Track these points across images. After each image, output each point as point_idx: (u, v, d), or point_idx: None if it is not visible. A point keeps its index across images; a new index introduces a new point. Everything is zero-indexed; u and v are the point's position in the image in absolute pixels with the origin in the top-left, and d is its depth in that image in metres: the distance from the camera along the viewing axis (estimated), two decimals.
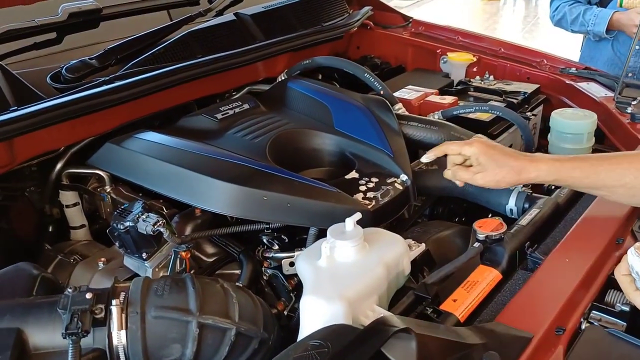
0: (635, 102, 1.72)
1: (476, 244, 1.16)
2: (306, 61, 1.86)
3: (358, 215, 1.05)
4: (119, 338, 0.88)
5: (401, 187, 1.33)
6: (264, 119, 1.57)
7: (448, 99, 1.81)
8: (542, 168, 1.14)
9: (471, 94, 1.93)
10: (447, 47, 2.20)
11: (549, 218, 1.29)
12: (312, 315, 0.93)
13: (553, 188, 1.42)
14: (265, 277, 1.30)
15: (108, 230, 1.21)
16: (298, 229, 1.29)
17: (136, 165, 1.37)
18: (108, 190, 1.46)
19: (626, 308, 0.99)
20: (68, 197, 1.48)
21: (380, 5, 2.42)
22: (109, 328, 0.88)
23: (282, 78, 1.85)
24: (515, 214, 1.36)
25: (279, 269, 1.28)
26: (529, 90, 1.91)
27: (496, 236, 1.17)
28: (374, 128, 1.51)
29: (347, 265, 1.00)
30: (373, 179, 1.35)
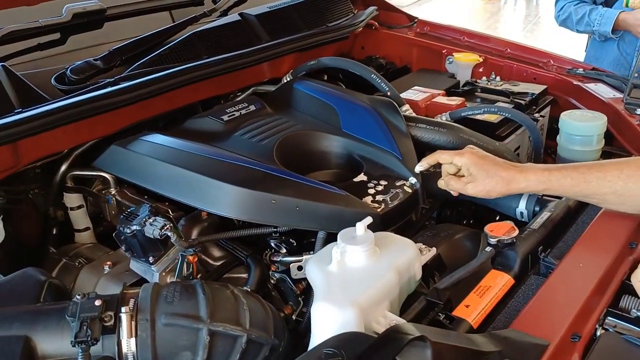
0: None
1: (488, 249, 1.15)
2: (312, 62, 1.84)
3: (369, 219, 1.03)
4: (129, 346, 0.86)
5: (410, 190, 1.32)
6: (271, 121, 1.56)
7: (455, 100, 1.79)
8: (531, 178, 1.15)
9: (478, 95, 1.91)
10: (453, 48, 2.18)
11: (561, 221, 1.28)
12: (324, 321, 0.92)
13: None
14: (272, 281, 1.28)
15: (114, 233, 1.19)
16: (306, 233, 1.28)
17: (143, 168, 1.36)
18: (113, 192, 1.45)
19: None
20: (72, 200, 1.46)
21: (385, 5, 2.41)
22: (119, 336, 0.86)
23: (288, 79, 1.84)
24: (525, 217, 1.35)
25: (286, 273, 1.26)
26: (537, 91, 1.88)
27: (508, 240, 1.16)
28: (382, 130, 1.49)
29: (359, 270, 0.99)
30: (382, 182, 1.34)
